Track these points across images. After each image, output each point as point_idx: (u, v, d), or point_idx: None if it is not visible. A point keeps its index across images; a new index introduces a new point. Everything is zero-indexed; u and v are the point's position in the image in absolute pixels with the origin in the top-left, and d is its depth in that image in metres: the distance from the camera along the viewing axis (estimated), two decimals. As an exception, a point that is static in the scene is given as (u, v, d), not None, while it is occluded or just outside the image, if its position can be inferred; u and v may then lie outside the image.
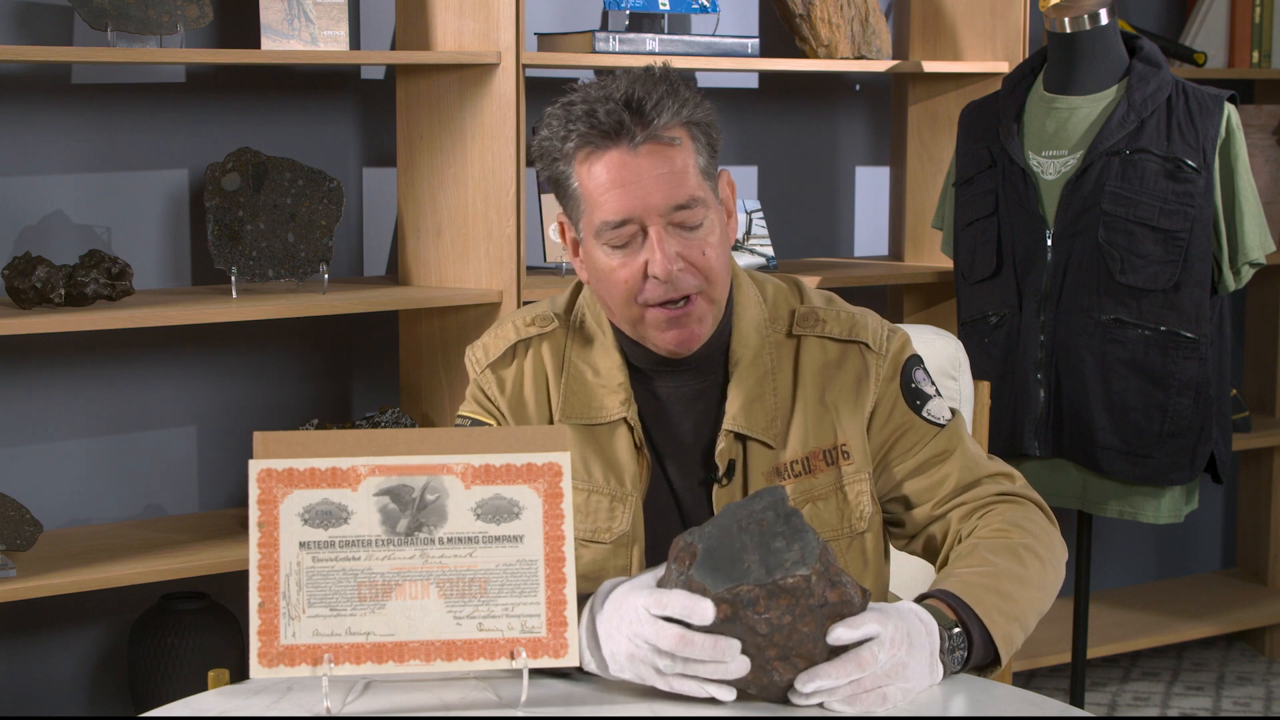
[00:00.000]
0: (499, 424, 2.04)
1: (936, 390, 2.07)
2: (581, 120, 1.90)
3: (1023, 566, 1.90)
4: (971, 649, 1.79)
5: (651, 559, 1.99)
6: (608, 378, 2.01)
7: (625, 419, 1.99)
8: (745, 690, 1.70)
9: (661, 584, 1.69)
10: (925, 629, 1.73)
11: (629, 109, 1.88)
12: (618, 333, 2.02)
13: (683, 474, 2.01)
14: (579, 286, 2.10)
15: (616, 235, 1.91)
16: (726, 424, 1.98)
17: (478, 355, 2.08)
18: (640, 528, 1.99)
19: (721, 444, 1.98)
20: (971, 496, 2.01)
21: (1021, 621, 1.86)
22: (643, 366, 2.01)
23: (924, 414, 2.03)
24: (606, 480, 1.99)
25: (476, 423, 2.06)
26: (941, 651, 1.74)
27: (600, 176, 1.90)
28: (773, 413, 1.99)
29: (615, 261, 1.92)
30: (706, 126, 1.94)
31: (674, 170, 1.89)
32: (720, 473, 1.98)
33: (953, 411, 2.07)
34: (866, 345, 2.03)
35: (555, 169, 1.94)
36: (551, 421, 2.02)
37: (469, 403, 2.09)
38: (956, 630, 1.78)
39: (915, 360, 2.06)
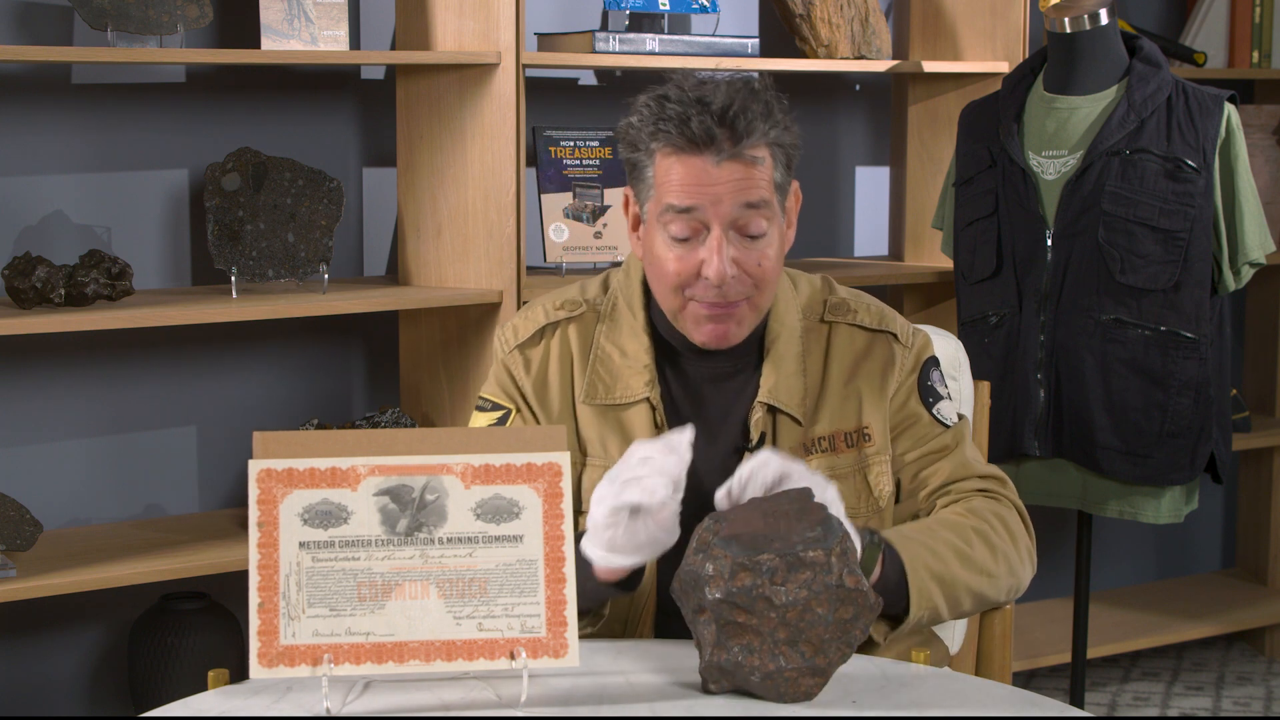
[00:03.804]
0: (518, 408, 2.09)
1: (948, 394, 2.14)
2: (673, 122, 1.93)
3: (967, 544, 1.96)
4: (886, 567, 1.87)
5: None
6: (634, 359, 2.06)
7: (648, 399, 2.04)
8: (747, 682, 1.70)
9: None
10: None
11: (723, 124, 1.91)
12: (651, 314, 2.08)
13: (709, 450, 2.05)
14: (609, 275, 2.16)
15: (679, 222, 1.94)
16: (761, 396, 2.03)
17: (507, 336, 2.13)
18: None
19: (756, 414, 2.03)
20: (956, 488, 2.08)
21: (947, 586, 1.91)
22: (677, 347, 2.07)
23: (934, 411, 2.10)
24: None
25: (496, 406, 2.10)
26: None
27: (678, 175, 1.94)
28: (804, 391, 2.05)
29: (672, 253, 1.97)
30: (789, 148, 2.00)
31: (748, 178, 1.94)
32: (753, 443, 2.03)
33: (959, 416, 2.14)
34: (895, 336, 2.11)
35: (635, 156, 1.98)
36: (573, 403, 2.07)
37: (491, 384, 2.13)
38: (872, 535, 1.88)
39: (934, 361, 2.15)
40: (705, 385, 2.06)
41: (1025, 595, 4.26)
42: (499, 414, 2.09)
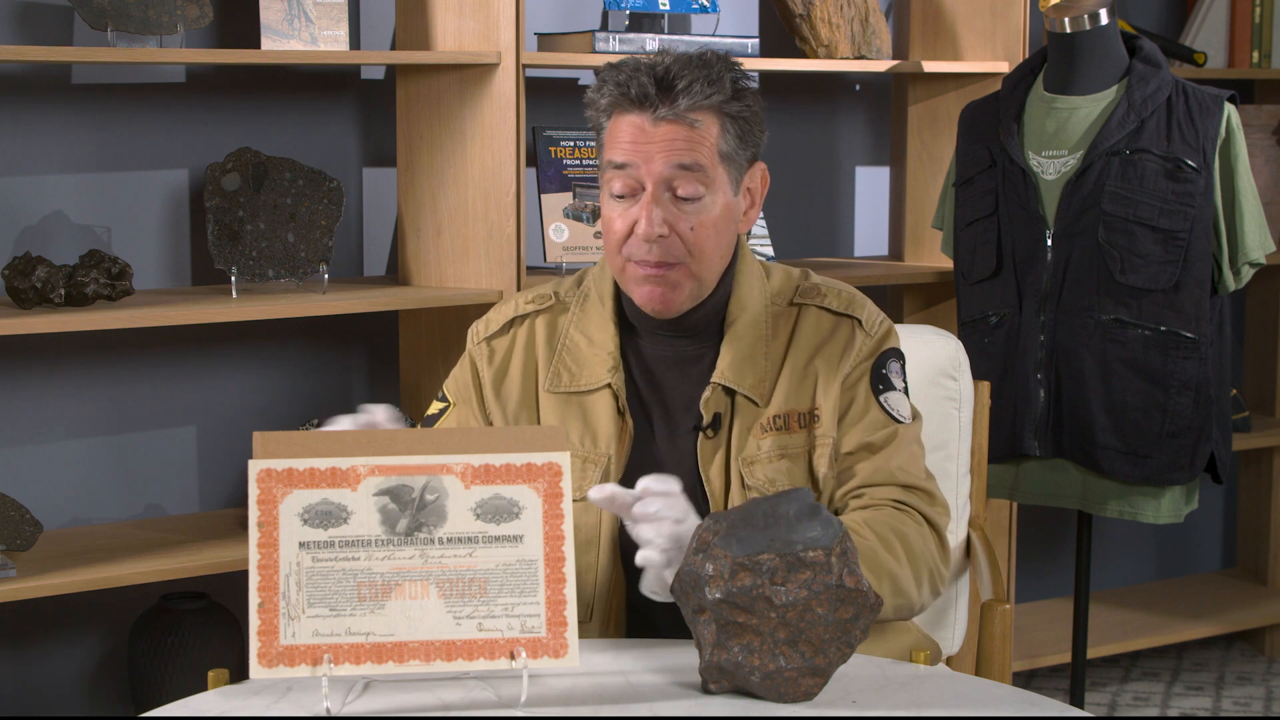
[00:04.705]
0: (457, 403, 2.15)
1: (905, 389, 2.13)
2: (617, 84, 2.02)
3: None
4: None
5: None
6: (600, 346, 2.10)
7: (610, 385, 2.07)
8: (747, 682, 1.70)
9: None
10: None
11: (659, 85, 1.99)
12: (620, 301, 2.12)
13: (671, 433, 2.08)
14: (585, 271, 2.20)
15: (618, 179, 2.01)
16: (715, 377, 2.06)
17: (479, 329, 2.19)
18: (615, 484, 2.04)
19: (707, 394, 2.05)
20: (870, 494, 2.06)
21: None
22: (639, 327, 2.10)
23: (880, 399, 2.09)
24: (582, 443, 2.07)
25: (443, 398, 2.18)
26: None
27: (619, 133, 2.02)
28: (762, 373, 2.07)
29: (614, 212, 2.03)
30: (741, 120, 2.03)
31: (685, 140, 2.00)
32: (705, 423, 2.04)
33: (914, 415, 2.13)
34: (859, 322, 2.12)
35: (595, 119, 2.07)
36: (536, 392, 2.11)
37: (452, 375, 2.20)
38: None
39: (895, 353, 2.14)
40: (669, 370, 2.09)
41: (1025, 595, 4.26)
42: (441, 406, 2.17)
